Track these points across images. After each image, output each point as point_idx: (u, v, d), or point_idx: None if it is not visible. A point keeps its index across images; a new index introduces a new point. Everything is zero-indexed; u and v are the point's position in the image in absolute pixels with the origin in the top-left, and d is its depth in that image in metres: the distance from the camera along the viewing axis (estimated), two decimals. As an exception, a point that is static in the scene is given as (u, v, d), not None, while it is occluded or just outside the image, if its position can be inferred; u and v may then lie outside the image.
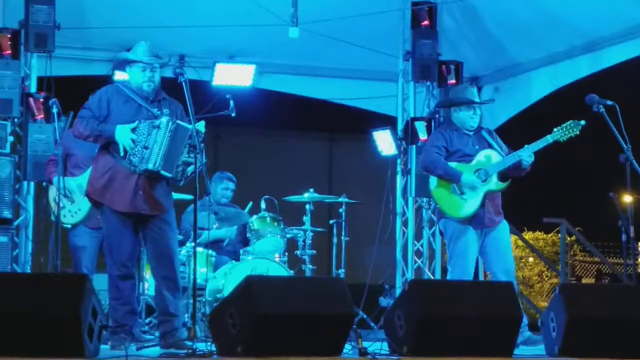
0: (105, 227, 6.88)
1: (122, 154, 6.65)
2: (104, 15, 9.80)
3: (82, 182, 7.86)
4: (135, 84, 6.86)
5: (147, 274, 8.46)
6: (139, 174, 6.67)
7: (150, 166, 6.61)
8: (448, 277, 7.90)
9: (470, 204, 7.66)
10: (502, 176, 7.74)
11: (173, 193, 7.08)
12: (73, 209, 7.91)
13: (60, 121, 7.81)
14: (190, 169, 6.76)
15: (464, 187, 7.64)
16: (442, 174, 7.70)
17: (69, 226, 7.95)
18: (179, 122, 6.67)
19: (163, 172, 6.63)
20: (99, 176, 6.80)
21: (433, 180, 7.83)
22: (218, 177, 9.53)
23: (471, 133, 7.85)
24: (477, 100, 7.93)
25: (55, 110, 7.68)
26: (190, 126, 6.66)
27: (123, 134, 6.65)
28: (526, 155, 7.67)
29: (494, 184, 7.68)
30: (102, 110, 6.76)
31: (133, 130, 6.64)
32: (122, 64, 6.99)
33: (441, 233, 8.00)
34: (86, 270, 7.93)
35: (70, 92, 8.82)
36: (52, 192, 8.02)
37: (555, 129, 7.77)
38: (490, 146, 7.82)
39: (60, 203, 7.85)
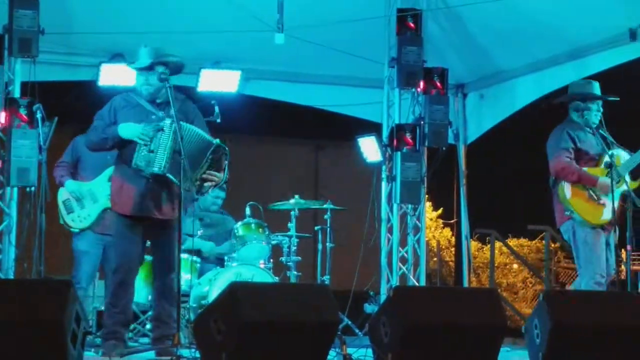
0: (114, 233, 6.93)
1: (136, 154, 6.65)
2: (88, 20, 9.77)
3: (93, 187, 7.91)
4: (138, 88, 6.89)
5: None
6: (146, 179, 6.68)
7: (156, 169, 6.64)
8: (582, 284, 7.66)
9: (608, 209, 7.49)
10: (635, 177, 7.61)
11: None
12: (83, 214, 7.96)
13: (44, 126, 7.81)
14: (208, 185, 6.78)
15: (600, 191, 7.45)
16: (576, 179, 7.51)
17: (77, 230, 7.98)
18: (190, 127, 6.70)
19: (169, 176, 6.63)
20: (114, 184, 6.95)
21: (567, 189, 7.62)
22: None
23: (592, 132, 7.67)
24: (603, 96, 7.75)
25: (39, 115, 7.69)
26: (214, 141, 6.77)
27: (127, 129, 6.73)
28: None
29: (628, 184, 7.54)
30: (111, 119, 6.86)
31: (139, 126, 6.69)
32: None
33: (562, 238, 7.78)
34: (86, 276, 7.96)
35: (55, 98, 8.79)
36: (62, 195, 8.10)
37: None
38: (612, 145, 7.66)
39: (70, 207, 7.91)
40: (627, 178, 7.49)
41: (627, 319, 6.51)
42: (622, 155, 7.54)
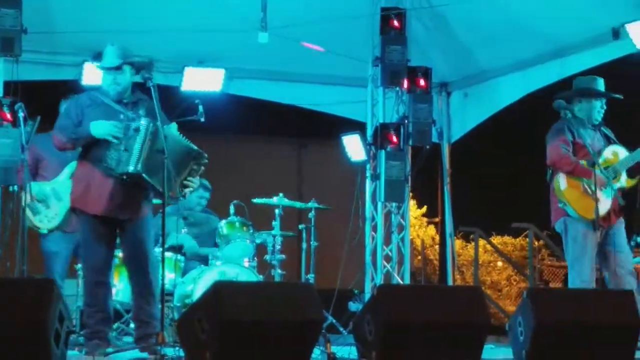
0: (82, 233, 6.86)
1: (107, 153, 6.60)
2: (71, 19, 9.74)
3: (56, 186, 7.83)
4: (104, 88, 6.85)
5: (116, 280, 8.40)
6: (115, 178, 6.63)
7: (131, 169, 6.55)
8: (572, 284, 7.64)
9: (603, 204, 7.43)
10: (632, 175, 7.55)
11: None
12: (50, 214, 7.88)
13: (26, 126, 7.76)
14: (187, 191, 6.78)
15: (597, 185, 7.34)
16: (571, 170, 7.46)
17: (45, 231, 7.91)
18: (185, 143, 6.67)
19: (145, 176, 6.58)
20: (77, 184, 6.84)
21: (562, 181, 7.55)
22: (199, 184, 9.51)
23: (594, 128, 7.63)
24: (606, 92, 7.67)
25: (21, 114, 7.64)
26: (195, 147, 6.76)
27: (100, 127, 6.63)
28: None
29: (624, 181, 7.49)
30: (78, 117, 6.77)
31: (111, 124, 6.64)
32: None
33: (557, 233, 7.71)
34: (57, 276, 7.89)
35: (37, 97, 8.75)
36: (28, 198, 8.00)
37: None
38: (613, 142, 7.62)
39: (36, 209, 7.82)
40: (624, 175, 7.47)
41: (611, 316, 6.52)
42: (620, 152, 7.52)
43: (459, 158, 12.04)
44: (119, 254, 7.44)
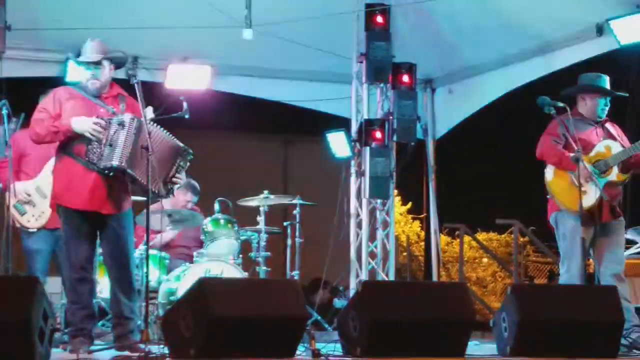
0: (64, 229, 6.83)
1: (87, 148, 6.60)
2: (55, 16, 9.72)
3: (40, 183, 7.81)
4: (83, 83, 6.85)
5: (100, 277, 8.40)
6: (97, 173, 6.63)
7: (115, 163, 6.54)
8: (561, 279, 7.57)
9: (589, 197, 7.37)
10: (625, 170, 7.49)
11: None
12: (36, 213, 7.85)
13: (10, 123, 7.74)
14: (175, 187, 6.79)
15: (582, 178, 7.32)
16: (556, 161, 7.45)
17: (35, 230, 7.88)
18: (170, 140, 6.66)
19: (129, 171, 6.57)
20: (59, 178, 6.80)
21: (549, 173, 7.55)
22: (188, 186, 9.51)
23: (595, 124, 7.61)
24: (611, 90, 7.63)
25: (5, 111, 7.61)
26: (181, 144, 6.76)
27: (80, 122, 6.61)
28: None
29: (614, 175, 7.44)
30: (56, 110, 6.73)
31: (92, 120, 6.63)
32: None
33: (551, 228, 7.69)
34: (40, 274, 7.86)
35: (21, 94, 8.73)
36: (12, 199, 7.96)
37: None
38: (612, 137, 7.58)
39: (22, 209, 7.81)
40: (615, 169, 7.47)
41: (595, 312, 6.56)
42: (614, 147, 7.50)
43: (443, 154, 12.07)
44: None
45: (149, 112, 7.01)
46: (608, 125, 7.67)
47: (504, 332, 6.49)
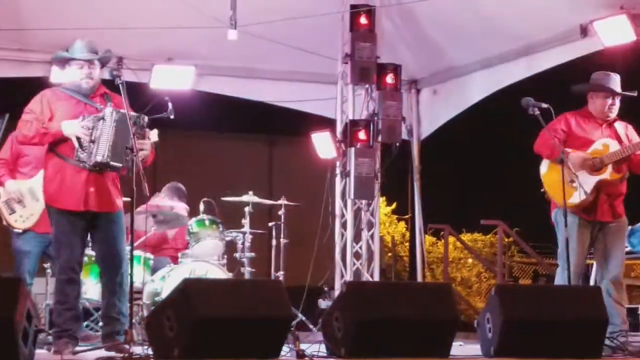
0: (56, 230, 6.82)
1: (77, 147, 6.62)
2: (40, 16, 9.71)
3: (33, 185, 7.80)
4: (74, 82, 6.84)
5: (84, 277, 8.38)
6: (89, 171, 6.65)
7: (99, 158, 6.59)
8: (556, 277, 7.49)
9: (580, 193, 7.32)
10: (619, 169, 7.44)
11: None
12: (25, 214, 7.86)
13: (-4, 122, 7.76)
14: (141, 154, 6.76)
15: (575, 166, 7.30)
16: (549, 153, 7.42)
17: (20, 231, 7.88)
18: (122, 111, 6.65)
19: (112, 163, 6.60)
20: (50, 181, 6.81)
21: (544, 166, 7.52)
22: (173, 190, 9.51)
23: (604, 122, 7.56)
24: (618, 90, 7.56)
25: (-11, 112, 7.62)
26: (133, 113, 6.73)
27: (71, 126, 6.64)
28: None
29: (609, 174, 7.40)
30: (45, 113, 6.75)
31: (79, 122, 6.65)
32: (62, 63, 6.96)
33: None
34: (28, 275, 7.87)
35: (6, 94, 8.72)
36: (2, 196, 7.98)
37: None
38: (618, 137, 7.53)
39: (12, 207, 7.80)
40: (610, 168, 7.43)
41: (578, 312, 6.57)
42: (612, 145, 7.48)
43: (428, 155, 12.08)
44: (88, 251, 7.41)
45: (154, 135, 7.03)
46: (618, 124, 7.60)
47: (488, 332, 6.50)
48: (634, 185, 7.69)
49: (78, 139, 6.61)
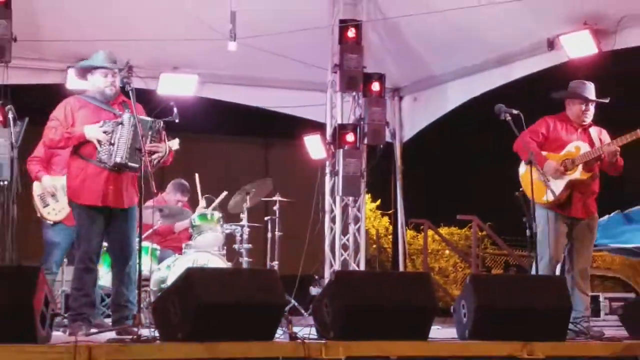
0: (77, 223, 6.84)
1: (98, 149, 6.65)
2: (57, 29, 9.70)
3: (65, 182, 7.81)
4: (97, 89, 6.85)
5: (99, 266, 8.37)
6: (109, 170, 6.67)
7: (118, 159, 6.62)
8: (539, 266, 7.34)
9: (551, 193, 7.28)
10: (595, 169, 7.43)
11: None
12: (57, 207, 7.89)
13: (16, 126, 7.74)
14: (155, 157, 6.77)
15: (547, 173, 7.31)
16: (526, 156, 7.32)
17: (52, 223, 7.89)
18: (139, 116, 6.67)
19: (130, 164, 6.62)
20: (73, 178, 6.82)
21: (522, 167, 7.47)
22: (178, 186, 9.50)
23: (579, 127, 7.52)
24: (592, 97, 7.51)
25: (11, 115, 7.60)
26: (149, 118, 6.76)
27: (92, 131, 6.67)
28: (607, 148, 7.31)
29: (579, 173, 7.37)
30: (68, 119, 6.77)
31: (100, 127, 6.67)
32: (85, 72, 6.96)
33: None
34: (55, 264, 7.91)
35: (26, 99, 8.72)
36: (37, 190, 8.01)
37: None
38: (590, 140, 7.49)
39: (45, 201, 7.84)
40: (580, 168, 7.42)
41: (545, 300, 6.58)
42: (582, 147, 7.44)
43: (409, 156, 12.10)
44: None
45: (175, 143, 7.05)
46: (592, 129, 7.57)
47: (463, 317, 6.51)
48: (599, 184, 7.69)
49: (99, 141, 6.66)
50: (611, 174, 7.53)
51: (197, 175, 9.50)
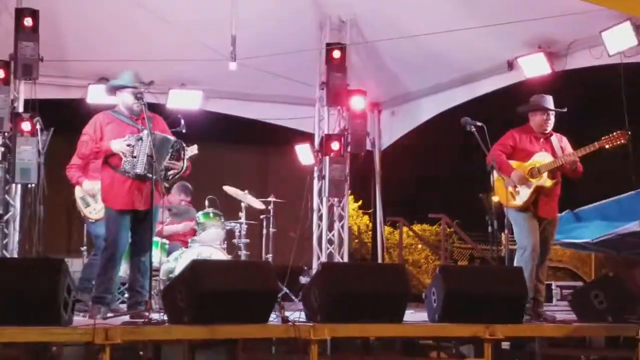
0: (108, 224, 6.82)
1: (123, 160, 6.64)
2: (79, 50, 9.68)
3: None
4: (125, 105, 6.82)
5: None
6: (132, 179, 6.65)
7: (138, 171, 6.61)
8: (523, 257, 7.24)
9: (521, 197, 7.27)
10: (558, 175, 7.36)
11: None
12: (98, 207, 7.87)
13: (42, 135, 7.73)
14: (171, 172, 6.76)
15: (514, 181, 7.25)
16: (497, 168, 7.29)
17: (93, 220, 7.88)
18: (157, 133, 6.66)
19: (148, 174, 6.58)
20: (104, 185, 6.85)
21: (494, 175, 7.38)
22: (182, 188, 9.48)
23: (542, 136, 7.47)
24: (551, 108, 7.47)
25: (38, 126, 7.60)
26: (172, 138, 6.76)
27: (117, 144, 6.66)
28: (568, 159, 7.25)
29: (544, 180, 7.30)
30: (97, 133, 6.76)
31: (124, 141, 6.66)
32: (114, 89, 6.93)
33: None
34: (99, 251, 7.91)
35: (51, 112, 8.69)
36: (79, 193, 7.99)
37: (603, 138, 7.10)
38: (552, 149, 7.42)
39: (87, 202, 7.84)
40: (545, 176, 7.36)
41: (504, 287, 6.58)
42: (547, 157, 7.38)
43: (387, 162, 12.09)
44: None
45: (194, 149, 7.10)
46: (554, 137, 7.50)
47: (434, 303, 6.52)
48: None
49: (123, 154, 6.64)
50: (571, 177, 7.48)
51: (225, 187, 9.42)
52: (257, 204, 9.55)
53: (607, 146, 7.06)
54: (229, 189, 9.41)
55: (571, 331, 6.82)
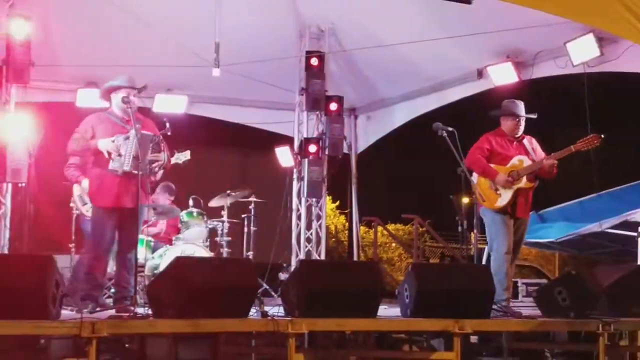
0: (94, 220, 6.79)
1: (112, 159, 6.61)
2: (69, 55, 9.61)
3: None
4: (119, 107, 6.77)
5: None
6: (120, 177, 6.62)
7: (126, 168, 6.60)
8: (492, 257, 7.27)
9: (503, 198, 7.27)
10: (534, 177, 7.35)
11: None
12: None
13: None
14: (156, 164, 6.73)
15: (499, 184, 7.27)
16: (480, 172, 7.30)
17: (89, 218, 7.82)
18: (143, 132, 6.63)
19: (134, 172, 6.55)
20: (92, 183, 6.83)
21: (475, 178, 7.39)
22: (166, 188, 9.44)
23: (514, 140, 7.47)
24: (522, 113, 7.45)
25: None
26: (150, 133, 6.74)
27: (104, 143, 6.65)
28: (547, 162, 7.24)
29: (524, 183, 7.30)
30: (89, 132, 6.74)
31: (112, 141, 6.64)
32: (110, 91, 6.88)
33: (480, 219, 7.39)
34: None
35: (42, 115, 8.62)
36: (77, 191, 7.93)
37: (578, 141, 7.08)
38: (527, 152, 7.43)
39: (84, 200, 7.80)
40: (525, 178, 7.37)
41: (472, 284, 6.59)
42: (525, 161, 7.39)
43: (363, 165, 12.10)
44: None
45: (187, 154, 7.34)
46: (526, 140, 7.51)
47: (406, 299, 6.52)
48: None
49: (108, 152, 6.60)
50: (546, 178, 7.46)
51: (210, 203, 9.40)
52: (240, 196, 9.52)
53: (583, 149, 7.06)
54: (213, 202, 9.39)
55: (536, 326, 6.84)
